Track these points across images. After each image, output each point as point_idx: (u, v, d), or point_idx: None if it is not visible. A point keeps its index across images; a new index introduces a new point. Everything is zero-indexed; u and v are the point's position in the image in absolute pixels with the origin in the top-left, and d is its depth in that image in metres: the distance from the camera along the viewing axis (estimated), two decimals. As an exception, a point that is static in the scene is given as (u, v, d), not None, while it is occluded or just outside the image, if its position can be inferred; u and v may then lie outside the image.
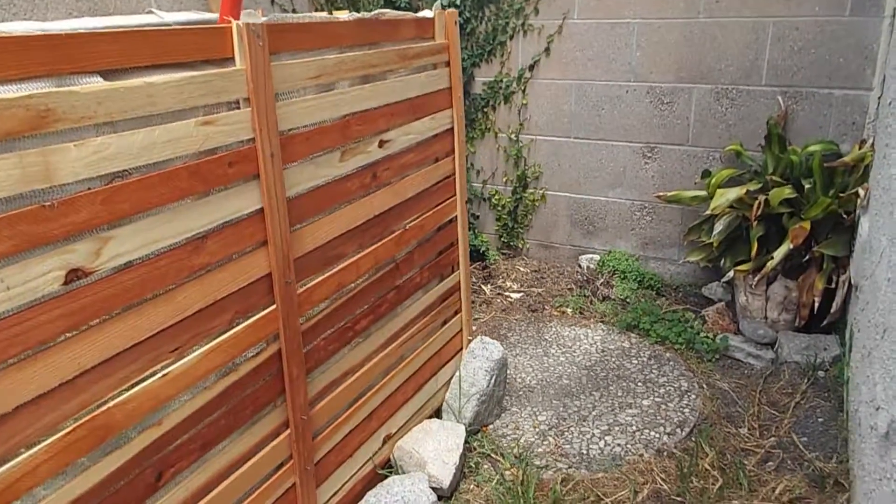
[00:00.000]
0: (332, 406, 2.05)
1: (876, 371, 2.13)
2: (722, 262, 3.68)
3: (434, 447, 2.40)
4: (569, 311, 3.82)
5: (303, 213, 1.81)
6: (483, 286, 4.17)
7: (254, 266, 1.66)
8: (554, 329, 3.62)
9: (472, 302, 3.96)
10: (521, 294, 4.07)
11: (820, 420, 2.82)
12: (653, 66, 3.83)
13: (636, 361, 3.27)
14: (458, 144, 2.55)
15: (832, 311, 3.30)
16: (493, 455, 2.60)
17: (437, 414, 2.73)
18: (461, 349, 2.83)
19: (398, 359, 2.38)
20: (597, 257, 4.28)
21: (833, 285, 3.31)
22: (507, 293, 4.09)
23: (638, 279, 4.04)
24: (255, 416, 1.74)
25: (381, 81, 2.08)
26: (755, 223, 3.32)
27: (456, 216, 2.61)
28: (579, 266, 4.33)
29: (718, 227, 3.46)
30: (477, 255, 4.49)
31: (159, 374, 1.43)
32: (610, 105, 4.01)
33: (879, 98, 3.34)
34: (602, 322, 3.68)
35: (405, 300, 2.37)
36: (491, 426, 2.79)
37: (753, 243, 3.36)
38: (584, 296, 3.95)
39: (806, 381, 3.07)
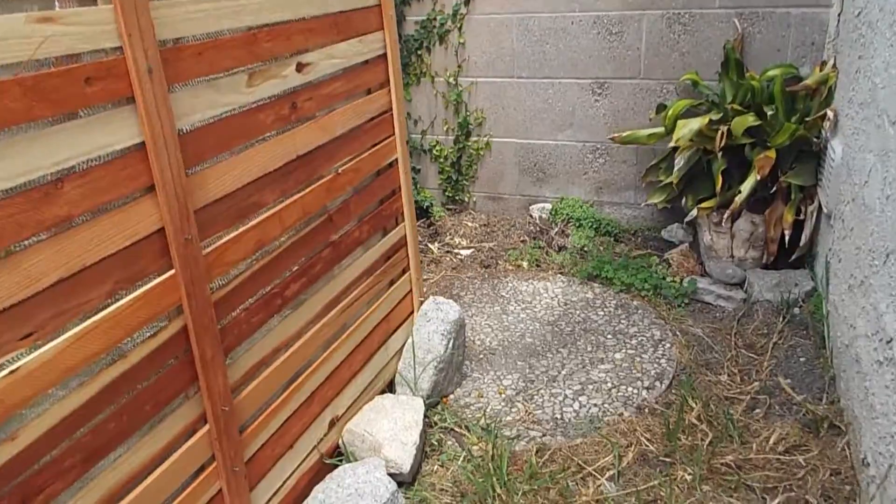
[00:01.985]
0: (262, 390, 1.68)
1: (880, 300, 1.90)
2: (683, 201, 3.44)
3: (389, 427, 2.07)
4: (524, 264, 3.52)
5: (202, 151, 1.42)
6: (430, 245, 3.83)
7: (138, 219, 1.26)
8: (510, 284, 3.32)
9: (420, 261, 3.62)
10: (472, 250, 3.75)
11: (802, 360, 2.62)
12: (599, -8, 3.51)
13: (602, 312, 3.00)
14: (393, 74, 2.18)
15: (801, 243, 3.11)
16: (456, 429, 2.29)
17: (391, 388, 2.40)
18: (412, 312, 2.49)
19: (340, 328, 2.03)
20: (549, 206, 3.99)
21: (801, 216, 3.11)
22: (456, 250, 3.76)
23: (594, 226, 3.77)
24: (159, 413, 1.36)
25: (294, -11, 1.68)
26: (719, 155, 3.08)
27: (396, 159, 2.25)
28: (531, 216, 4.04)
29: (679, 162, 3.21)
30: (420, 212, 4.13)
31: (5, 372, 1.04)
32: (555, 39, 3.68)
33: (839, 15, 3.11)
34: (561, 273, 3.41)
35: (343, 259, 2.01)
36: (451, 396, 2.48)
37: (718, 177, 3.11)
38: (539, 247, 3.66)
39: (781, 319, 2.88)
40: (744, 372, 2.59)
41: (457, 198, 4.24)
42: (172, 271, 1.34)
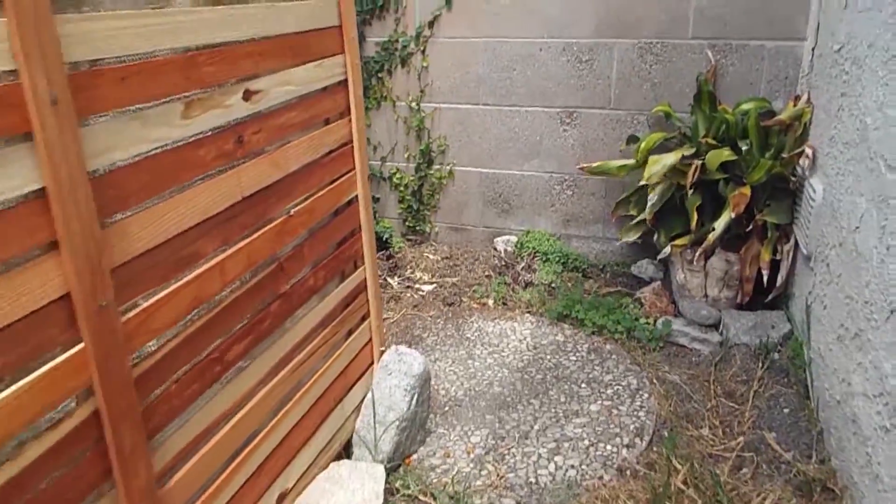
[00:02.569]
0: (198, 473, 1.42)
1: (883, 359, 1.75)
2: (655, 237, 3.31)
3: (346, 501, 1.82)
4: (490, 302, 3.32)
5: (124, 197, 1.17)
6: (389, 279, 3.60)
7: (36, 284, 1.01)
8: (476, 325, 3.11)
9: (395, 300, 3.39)
10: (434, 286, 3.54)
11: (786, 411, 2.48)
12: (570, 18, 3.37)
13: (574, 357, 2.82)
14: (354, 102, 1.96)
15: (778, 284, 3.00)
16: (421, 497, 2.05)
17: (347, 449, 2.15)
18: (372, 363, 2.25)
19: (292, 389, 1.78)
20: (514, 238, 3.81)
21: (777, 256, 3.00)
22: (417, 285, 3.54)
23: (562, 261, 3.60)
24: (61, 520, 1.10)
25: (242, 4, 1.45)
26: (691, 191, 2.95)
27: (357, 195, 2.02)
28: (495, 249, 3.85)
29: (652, 198, 3.07)
30: (379, 244, 3.90)
31: None
32: (523, 65, 3.52)
33: (814, 49, 3.04)
34: (529, 312, 3.22)
35: (296, 310, 1.77)
36: (415, 456, 2.24)
37: (692, 213, 2.98)
38: (505, 283, 3.47)
39: (760, 365, 2.74)
40: (726, 424, 2.43)
41: (418, 228, 4.03)
42: (81, 346, 1.09)
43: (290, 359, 1.76)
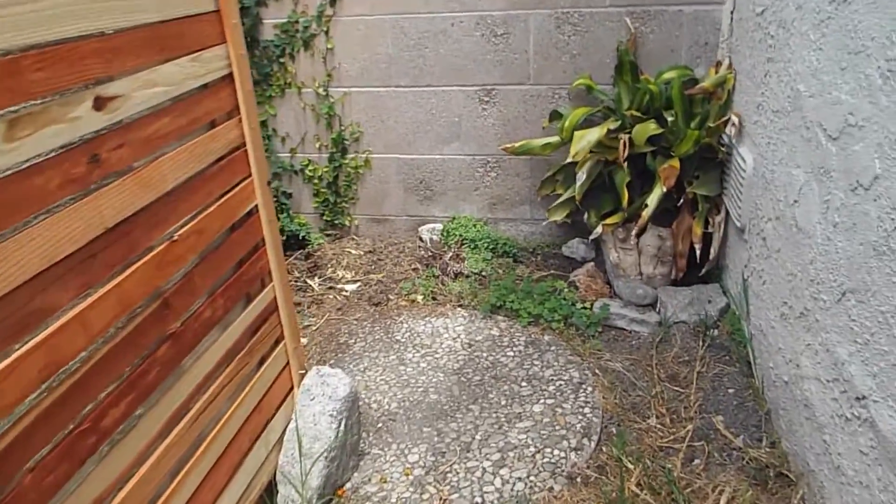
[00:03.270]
0: (78, 569, 1.17)
1: (836, 343, 1.66)
2: (585, 216, 3.18)
3: (271, 557, 1.60)
4: (419, 298, 3.12)
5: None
6: (309, 281, 3.34)
7: None
8: (406, 325, 2.91)
9: (299, 305, 3.13)
10: (358, 284, 3.30)
11: (731, 391, 2.40)
12: (480, -11, 3.16)
13: (512, 353, 2.66)
14: (244, 98, 1.69)
15: (711, 256, 2.92)
16: (358, 535, 1.85)
17: (271, 490, 1.92)
18: (292, 390, 2.02)
19: (195, 439, 1.53)
20: (439, 227, 3.61)
21: (709, 228, 2.93)
22: (340, 285, 3.30)
23: (491, 247, 3.43)
24: None
25: (81, -9, 1.17)
26: (624, 165, 2.82)
27: (256, 206, 1.77)
28: (421, 239, 3.64)
29: (581, 176, 2.92)
30: (297, 242, 3.63)
31: None
32: (435, 42, 3.29)
33: (732, 13, 2.94)
34: (461, 306, 3.04)
35: (192, 349, 1.51)
36: (348, 486, 2.03)
37: (623, 191, 2.86)
38: (434, 276, 3.28)
39: (701, 343, 2.66)
40: (673, 411, 2.33)
41: (336, 222, 3.77)
42: None
43: (189, 406, 1.50)
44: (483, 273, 3.29)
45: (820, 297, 1.78)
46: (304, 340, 2.81)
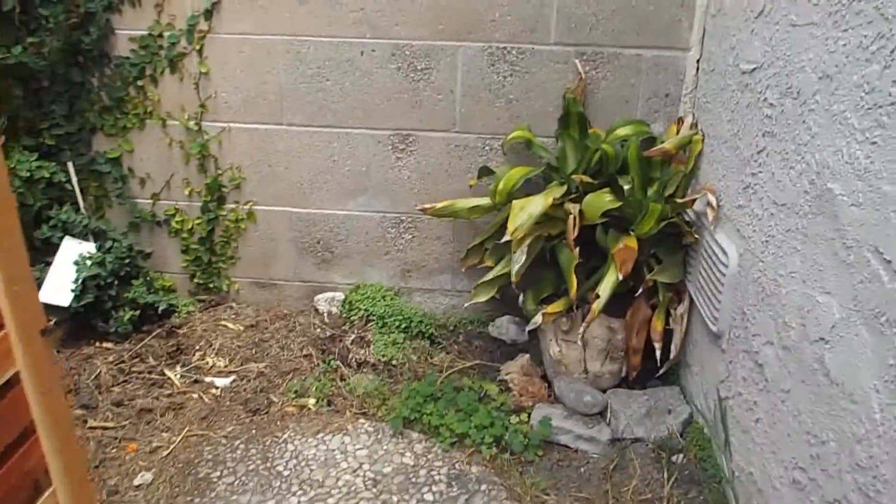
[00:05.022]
0: None
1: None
2: (521, 297, 2.61)
3: None
4: (311, 402, 2.43)
5: None
6: (168, 372, 2.58)
7: None
8: (292, 445, 2.22)
9: (149, 412, 2.37)
10: (233, 378, 2.57)
11: (710, 553, 1.88)
12: (398, 12, 2.53)
13: (431, 497, 2.02)
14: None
15: (672, 355, 2.42)
16: None
17: None
18: None
19: None
20: (340, 296, 2.94)
21: (670, 322, 2.42)
22: (209, 379, 2.56)
23: (403, 326, 2.80)
24: None
25: None
26: (573, 245, 2.26)
27: (18, 374, 1.05)
28: (317, 311, 2.96)
29: (519, 257, 2.33)
30: (155, 316, 2.85)
31: None
32: (339, 74, 2.63)
33: (699, 62, 2.47)
34: (364, 415, 2.38)
35: None
36: None
37: (571, 276, 2.29)
38: (331, 367, 2.60)
39: (665, 473, 2.13)
40: (640, 586, 1.78)
41: (211, 285, 3.02)
42: None
43: None
44: (393, 362, 2.64)
45: (876, 495, 1.25)
46: (148, 476, 2.06)
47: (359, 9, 2.53)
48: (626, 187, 2.35)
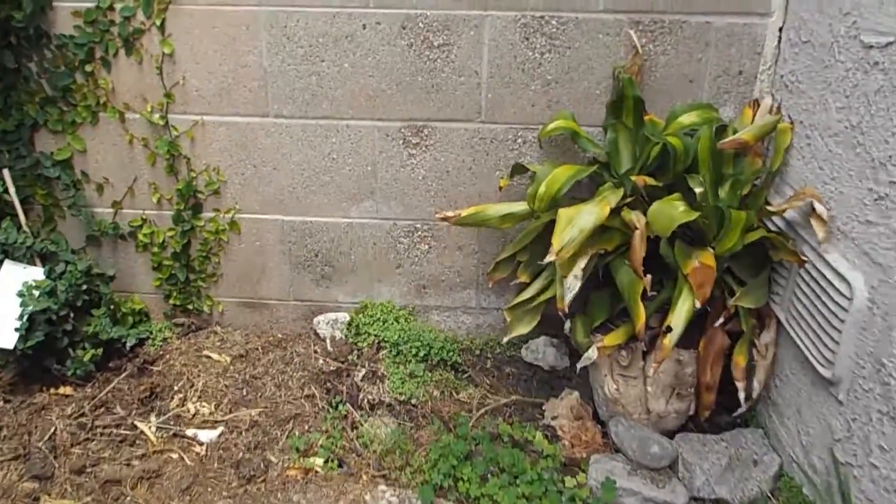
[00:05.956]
0: None
1: None
2: (568, 324, 2.16)
3: None
4: (318, 462, 1.99)
5: None
6: (140, 424, 2.12)
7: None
8: (297, 527, 1.78)
9: (117, 484, 1.91)
10: (221, 430, 2.12)
11: None
12: (409, -25, 2.03)
13: None
14: None
15: (754, 394, 2.00)
16: None
17: None
18: None
19: None
20: (345, 317, 2.48)
21: (753, 357, 1.99)
22: (191, 431, 2.11)
23: (421, 352, 2.35)
24: None
25: None
26: (641, 273, 1.81)
27: None
28: (318, 335, 2.50)
29: (571, 284, 1.88)
30: (124, 347, 2.38)
31: None
32: (337, 53, 2.13)
33: (781, 31, 1.99)
34: (384, 480, 1.94)
35: None
36: None
37: (636, 306, 1.85)
38: (338, 411, 2.16)
39: (760, 549, 1.72)
40: None
41: (190, 307, 2.55)
42: None
43: None
44: (413, 401, 2.21)
45: None
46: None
47: (359, -30, 2.03)
48: (697, 190, 1.90)
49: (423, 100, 2.17)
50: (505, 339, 2.16)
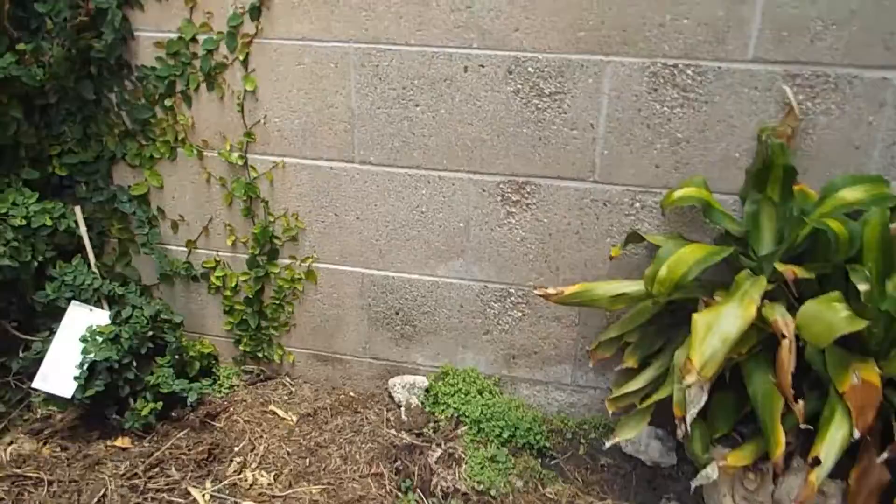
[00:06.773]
0: None
1: None
2: (682, 431, 1.83)
3: None
4: (381, 565, 1.75)
5: None
6: (195, 491, 1.95)
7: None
8: None
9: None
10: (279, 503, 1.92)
11: None
12: (520, 12, 1.75)
13: None
14: None
15: (918, 543, 1.60)
16: None
17: None
18: None
19: None
20: (424, 382, 2.24)
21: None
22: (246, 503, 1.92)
23: (505, 433, 2.08)
24: None
25: None
26: (791, 394, 1.47)
27: None
28: (392, 400, 2.27)
29: (698, 396, 1.55)
30: (179, 402, 2.22)
31: None
32: (433, 96, 1.88)
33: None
34: None
35: None
36: None
37: (775, 428, 1.50)
38: (407, 499, 1.91)
39: None
40: None
41: (260, 355, 2.38)
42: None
43: None
44: (492, 492, 1.94)
45: None
46: None
47: (464, 6, 1.77)
48: (862, 288, 1.53)
49: (528, 153, 1.89)
50: (608, 444, 1.84)
